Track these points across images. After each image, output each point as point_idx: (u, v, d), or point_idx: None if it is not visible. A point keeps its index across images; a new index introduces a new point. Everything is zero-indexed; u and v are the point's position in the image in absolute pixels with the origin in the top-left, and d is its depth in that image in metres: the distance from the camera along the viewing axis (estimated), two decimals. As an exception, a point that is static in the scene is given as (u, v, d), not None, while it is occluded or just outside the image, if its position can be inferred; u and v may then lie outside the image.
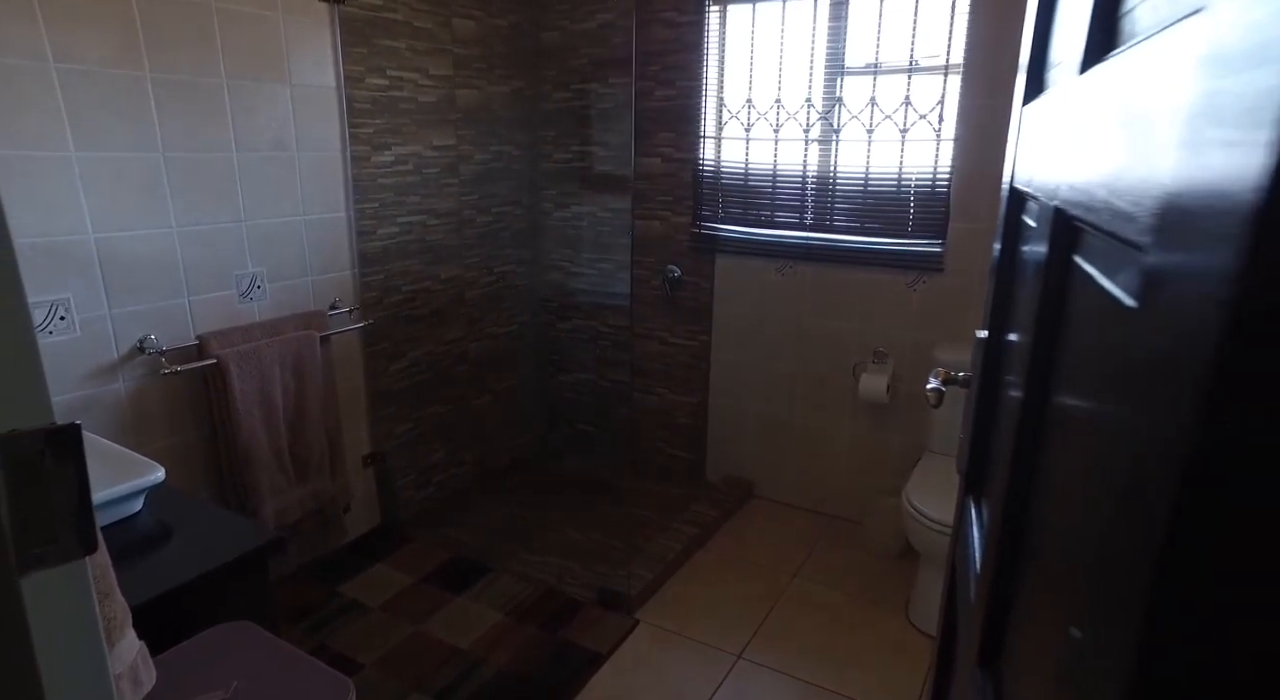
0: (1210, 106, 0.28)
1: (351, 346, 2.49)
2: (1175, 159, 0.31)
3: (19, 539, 0.57)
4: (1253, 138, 0.22)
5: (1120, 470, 0.36)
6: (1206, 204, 0.26)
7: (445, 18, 2.63)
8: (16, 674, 0.60)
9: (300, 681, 1.12)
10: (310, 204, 2.30)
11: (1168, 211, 0.32)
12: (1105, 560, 0.38)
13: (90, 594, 0.65)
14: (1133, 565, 0.31)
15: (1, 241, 0.54)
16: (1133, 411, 0.36)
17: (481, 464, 3.12)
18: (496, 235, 3.03)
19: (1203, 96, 0.28)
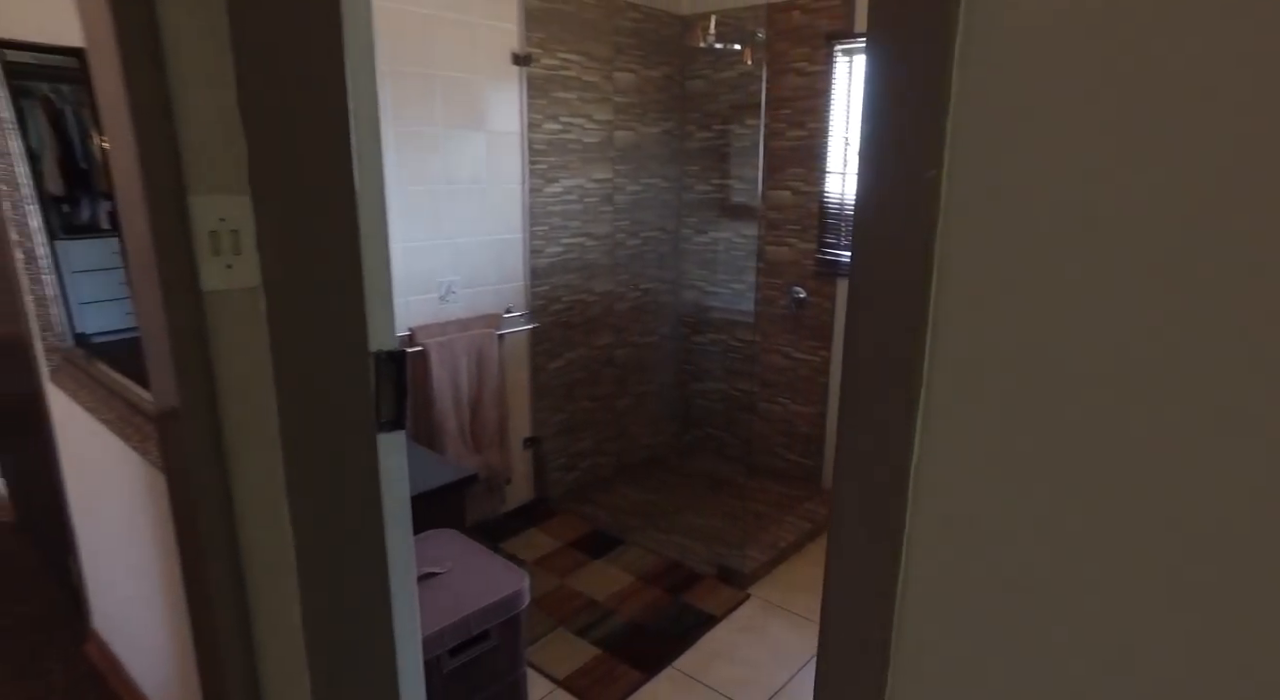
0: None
1: (520, 345, 3.00)
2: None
3: (377, 413, 1.03)
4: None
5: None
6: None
7: (608, 72, 3.13)
8: (369, 493, 1.05)
9: (490, 568, 1.55)
10: (495, 227, 2.83)
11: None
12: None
13: (404, 451, 1.10)
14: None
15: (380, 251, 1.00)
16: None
17: (621, 456, 3.55)
18: (643, 256, 3.48)
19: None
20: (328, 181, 0.92)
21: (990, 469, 0.44)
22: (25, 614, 2.36)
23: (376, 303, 0.98)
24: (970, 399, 0.42)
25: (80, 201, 1.98)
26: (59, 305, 1.84)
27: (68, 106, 1.92)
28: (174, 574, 1.48)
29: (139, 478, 1.51)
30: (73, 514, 2.14)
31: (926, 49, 0.38)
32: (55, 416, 2.04)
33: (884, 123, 0.39)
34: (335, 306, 0.95)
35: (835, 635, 0.59)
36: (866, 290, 0.43)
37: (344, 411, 0.98)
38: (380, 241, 0.98)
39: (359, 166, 0.94)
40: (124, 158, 0.88)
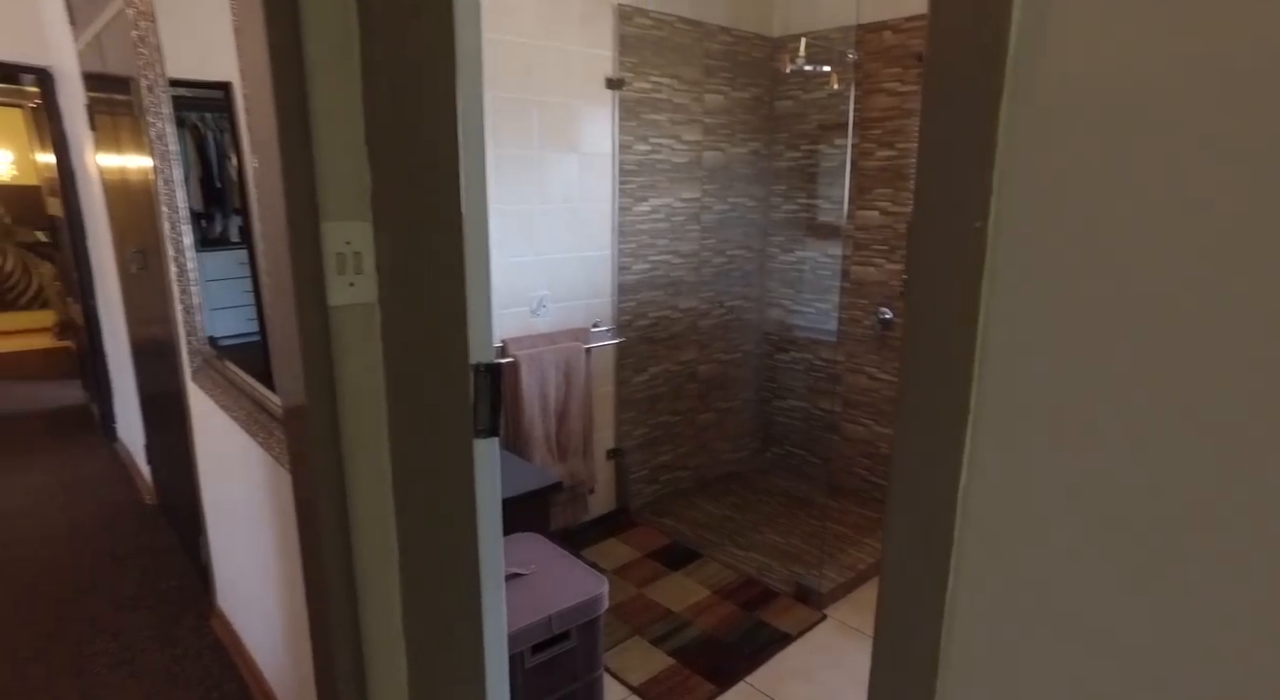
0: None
1: (606, 359, 3.09)
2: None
3: (474, 420, 1.12)
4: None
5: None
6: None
7: (698, 94, 3.20)
8: (465, 495, 1.14)
9: (572, 572, 1.63)
10: (585, 244, 2.95)
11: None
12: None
13: (497, 457, 1.19)
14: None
15: (482, 271, 1.09)
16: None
17: (701, 471, 3.59)
18: (728, 274, 3.52)
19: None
20: (439, 208, 1.03)
21: (1037, 499, 0.46)
22: (166, 587, 2.62)
23: (477, 319, 1.07)
24: (1017, 429, 0.44)
25: (214, 217, 2.20)
26: (201, 313, 2.06)
27: (209, 132, 2.15)
28: (289, 559, 1.63)
29: (263, 470, 1.67)
30: (204, 500, 2.36)
31: (972, 107, 0.42)
32: (194, 412, 2.27)
33: (934, 171, 0.44)
34: (441, 322, 1.05)
35: (886, 659, 0.62)
36: (920, 325, 0.47)
37: (445, 418, 1.08)
38: (483, 262, 1.07)
39: (466, 194, 1.04)
40: (271, 190, 1.01)
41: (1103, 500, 0.43)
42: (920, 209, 0.43)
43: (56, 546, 2.94)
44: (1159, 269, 0.37)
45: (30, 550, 2.91)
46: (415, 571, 1.12)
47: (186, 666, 2.19)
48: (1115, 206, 0.38)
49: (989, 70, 0.40)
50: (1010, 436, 0.44)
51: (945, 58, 0.44)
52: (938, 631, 0.52)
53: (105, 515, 3.21)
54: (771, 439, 3.85)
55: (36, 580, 2.68)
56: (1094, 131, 0.37)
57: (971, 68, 0.42)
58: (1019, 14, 0.39)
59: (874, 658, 0.64)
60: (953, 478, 0.45)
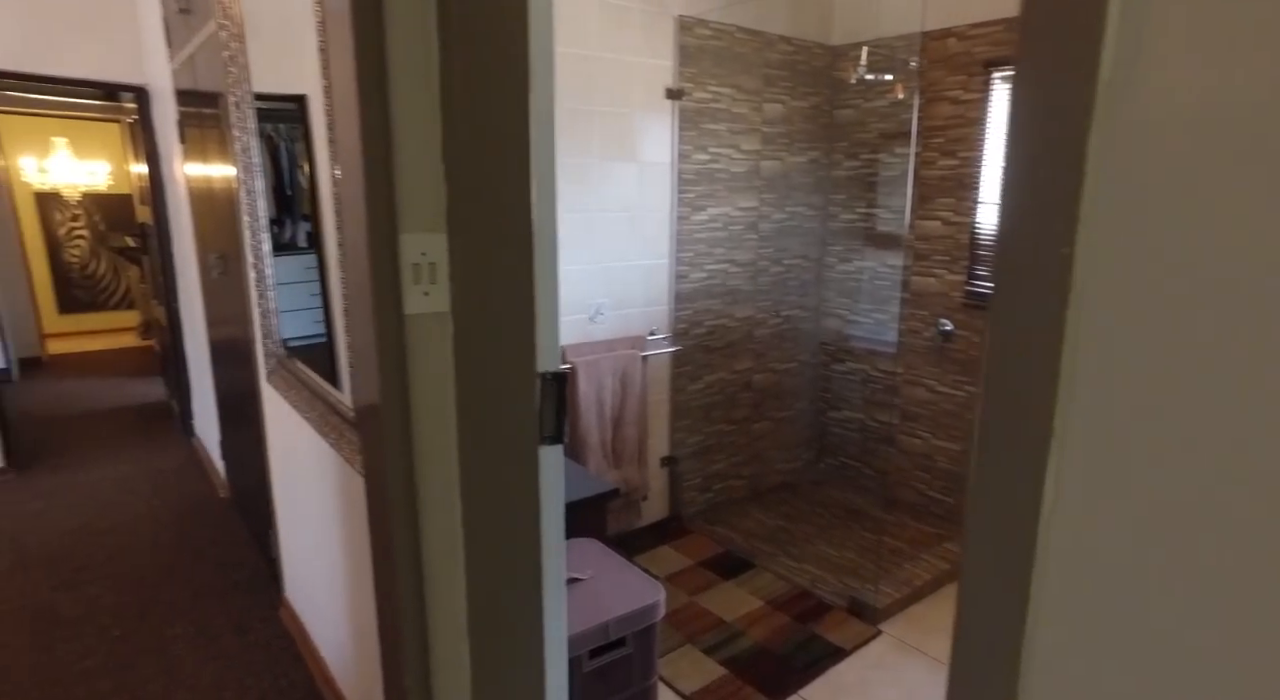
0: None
1: (662, 367, 3.11)
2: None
3: (540, 427, 1.15)
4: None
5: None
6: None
7: (757, 103, 3.21)
8: (529, 499, 1.17)
9: (629, 579, 1.65)
10: (643, 252, 2.97)
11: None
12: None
13: (561, 464, 1.21)
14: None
15: (550, 282, 1.13)
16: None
17: (755, 480, 3.57)
18: (785, 283, 3.51)
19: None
20: (510, 221, 1.06)
21: (1127, 525, 0.44)
22: (238, 578, 2.74)
23: (545, 328, 1.10)
24: (1104, 453, 0.43)
25: (285, 223, 2.30)
26: (277, 316, 2.16)
27: (282, 142, 2.25)
28: (355, 556, 1.69)
29: (333, 470, 1.74)
30: (274, 495, 2.47)
31: (1062, 128, 0.42)
32: (267, 412, 2.37)
33: (1020, 194, 0.44)
34: (510, 331, 1.09)
35: (960, 689, 0.62)
36: (1004, 347, 0.47)
37: (512, 425, 1.12)
38: (551, 273, 1.10)
39: (537, 206, 1.07)
40: (353, 202, 1.06)
41: (1195, 530, 0.42)
42: (1005, 232, 0.43)
43: (141, 534, 3.10)
44: (1256, 295, 0.37)
45: (120, 537, 3.08)
46: (480, 574, 1.16)
47: (256, 654, 2.28)
48: (1210, 231, 0.37)
49: (1080, 90, 0.40)
50: (1098, 461, 0.43)
51: (1034, 77, 0.44)
52: (1016, 661, 0.52)
53: (183, 507, 3.38)
54: (825, 450, 3.81)
55: (125, 565, 2.84)
56: (1190, 155, 0.37)
57: (1062, 87, 0.42)
58: (1113, 31, 0.39)
59: (949, 691, 0.64)
60: (1035, 502, 0.45)
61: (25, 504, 3.41)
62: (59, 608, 2.57)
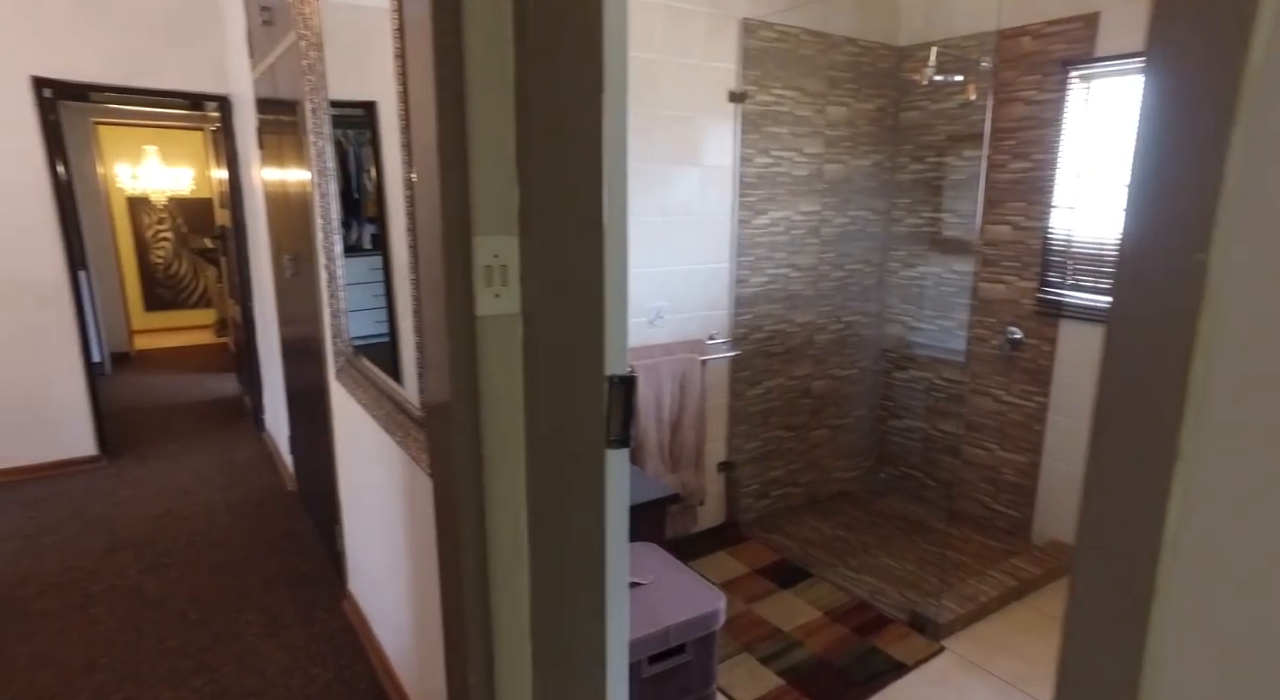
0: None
1: (721, 371, 3.09)
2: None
3: (607, 430, 1.15)
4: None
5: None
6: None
7: (821, 106, 3.16)
8: (595, 503, 1.17)
9: (689, 585, 1.64)
10: (703, 256, 2.96)
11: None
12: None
13: (627, 468, 1.21)
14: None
15: (620, 285, 1.13)
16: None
17: (813, 488, 3.51)
18: (847, 289, 3.44)
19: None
20: (582, 223, 1.07)
21: (1261, 557, 0.40)
22: (305, 569, 2.84)
23: (614, 331, 1.11)
24: (1238, 474, 0.39)
25: (351, 225, 2.36)
26: (346, 316, 2.22)
27: (351, 147, 2.32)
28: (419, 553, 1.73)
29: (399, 468, 1.78)
30: (340, 490, 2.54)
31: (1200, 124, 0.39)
32: (335, 409, 2.45)
33: (1149, 195, 0.41)
34: (579, 334, 1.09)
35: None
36: (1124, 355, 0.43)
37: (579, 428, 1.12)
38: (621, 276, 1.11)
39: (608, 209, 1.07)
40: (428, 205, 1.08)
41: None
42: (1131, 236, 0.41)
43: (218, 523, 3.24)
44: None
45: (199, 524, 3.23)
46: (544, 575, 1.16)
47: (322, 644, 2.35)
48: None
49: (1224, 79, 0.38)
50: (1229, 485, 0.40)
51: (1169, 64, 0.41)
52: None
53: (254, 499, 3.51)
54: (886, 459, 3.72)
55: (203, 552, 2.97)
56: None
57: (1202, 76, 0.39)
58: (1270, 11, 0.35)
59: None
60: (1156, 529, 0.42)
61: (117, 490, 3.60)
62: (145, 589, 2.70)
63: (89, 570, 2.84)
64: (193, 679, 2.19)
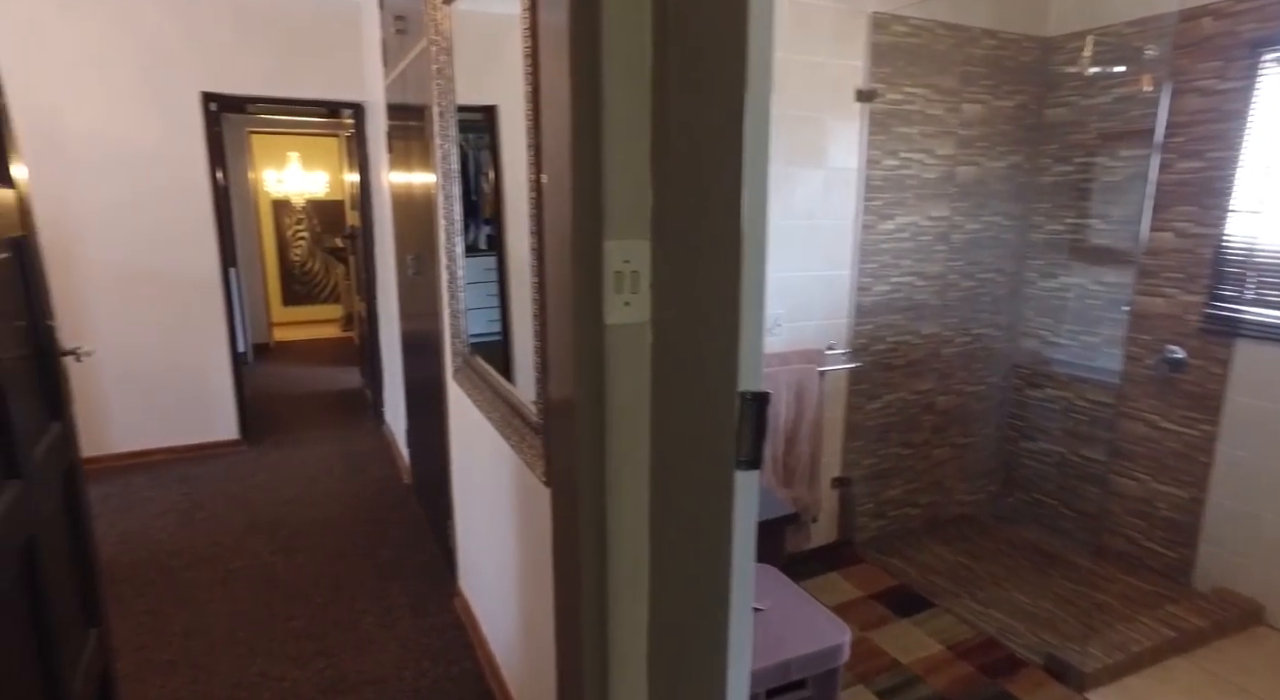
0: None
1: (839, 383, 2.95)
2: None
3: (736, 450, 1.07)
4: None
5: None
6: None
7: (955, 104, 2.96)
8: (721, 525, 1.10)
9: (812, 615, 1.54)
10: (824, 262, 2.83)
11: None
12: None
13: (756, 490, 1.13)
14: None
15: (757, 296, 1.05)
16: None
17: (933, 509, 3.30)
18: (977, 299, 3.21)
19: None
20: (718, 228, 1.00)
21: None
22: (418, 562, 2.92)
23: (749, 344, 1.03)
24: None
25: (469, 227, 2.40)
26: (465, 316, 2.25)
27: (470, 151, 2.35)
28: (529, 561, 1.71)
29: (512, 472, 1.78)
30: (453, 487, 2.59)
31: None
32: (451, 407, 2.49)
33: None
34: (712, 345, 1.03)
35: None
36: None
37: (707, 445, 1.05)
38: (758, 286, 1.03)
39: (748, 213, 1.00)
40: (559, 207, 1.05)
41: None
42: None
43: (338, 511, 3.39)
44: None
45: (323, 511, 3.40)
46: (665, 598, 1.10)
47: (432, 639, 2.40)
48: None
49: None
50: None
51: None
52: None
53: (373, 489, 3.66)
54: (1015, 483, 3.44)
55: (325, 539, 3.12)
56: None
57: None
58: None
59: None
60: None
61: (255, 474, 3.85)
62: (276, 570, 2.85)
63: (230, 546, 3.03)
64: (314, 661, 2.28)
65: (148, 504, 3.46)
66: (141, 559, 2.92)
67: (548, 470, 1.47)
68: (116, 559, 2.91)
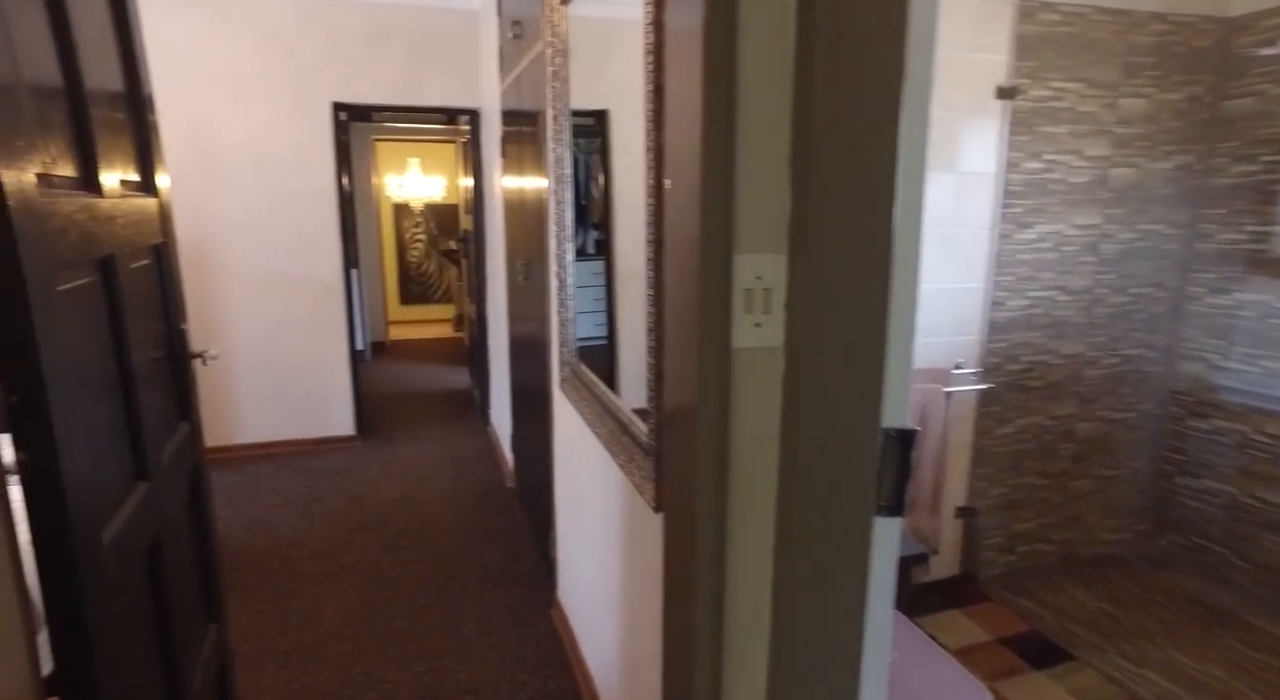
0: None
1: (966, 405, 2.71)
2: None
3: (876, 493, 0.94)
4: None
5: None
6: None
7: (1112, 99, 2.66)
8: (854, 576, 0.97)
9: (945, 672, 1.37)
10: (954, 274, 2.61)
11: None
12: None
13: (898, 539, 0.99)
14: None
15: (907, 320, 0.91)
16: None
17: (1070, 547, 2.99)
18: (1129, 316, 2.88)
19: None
20: (866, 240, 0.88)
21: None
22: (519, 569, 2.91)
23: (896, 375, 0.90)
24: None
25: (577, 231, 2.35)
26: (574, 325, 2.20)
27: (581, 156, 2.30)
28: (633, 587, 1.63)
29: (618, 492, 1.70)
30: (555, 497, 2.55)
31: None
32: (556, 417, 2.45)
33: None
34: (853, 375, 0.90)
35: None
36: None
37: (843, 487, 0.93)
38: (909, 308, 0.90)
39: (900, 225, 0.87)
40: (684, 217, 0.95)
41: None
42: None
43: (444, 512, 3.45)
44: None
45: (429, 510, 3.47)
46: (788, 650, 0.99)
47: (529, 650, 2.37)
48: None
49: None
50: None
51: None
52: None
53: (478, 491, 3.70)
54: (1170, 524, 3.06)
55: (430, 539, 3.17)
56: None
57: None
58: None
59: None
60: None
61: (367, 469, 3.99)
62: (383, 568, 2.92)
63: (342, 541, 3.13)
64: (415, 664, 2.30)
65: (272, 494, 3.64)
66: (265, 548, 3.06)
67: (658, 496, 1.38)
68: (245, 547, 3.07)
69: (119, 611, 1.05)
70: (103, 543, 1.00)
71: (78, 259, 1.03)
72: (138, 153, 1.42)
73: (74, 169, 1.09)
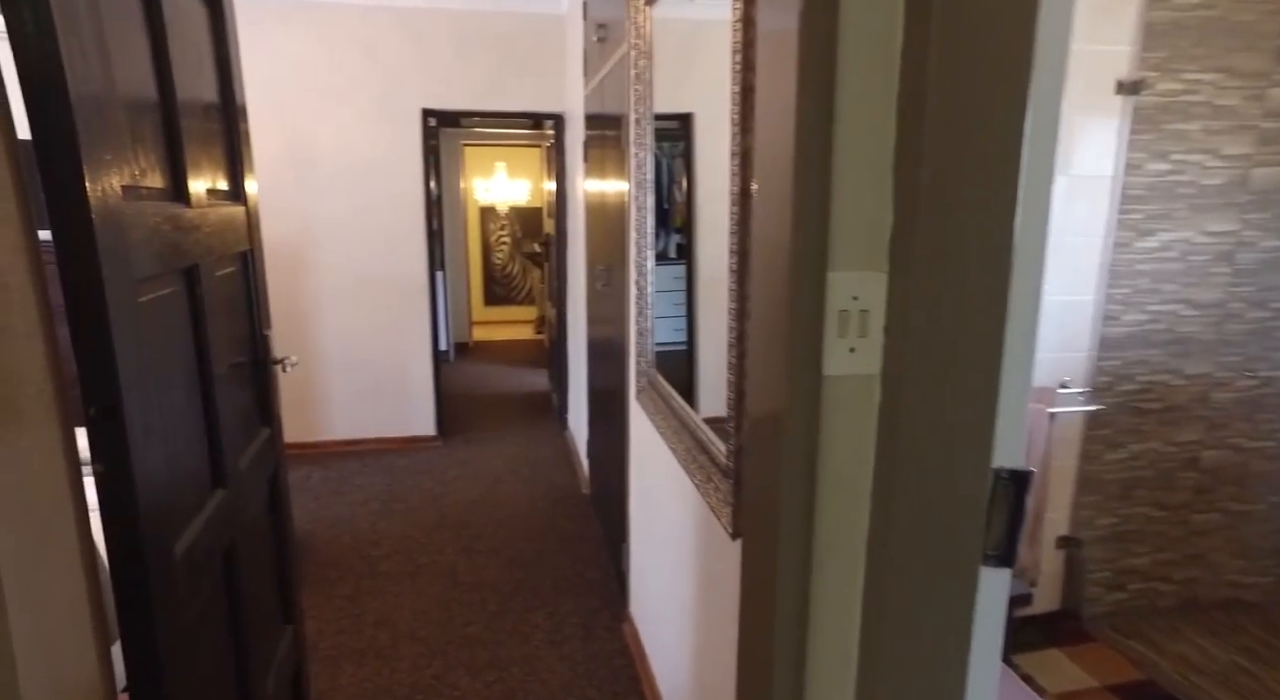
0: None
1: (1072, 427, 2.50)
2: None
3: (985, 540, 0.83)
4: None
5: None
6: None
7: (1258, 90, 2.39)
8: (956, 631, 0.86)
9: (1049, 729, 1.23)
10: (1062, 285, 2.41)
11: None
12: None
13: (1007, 593, 0.88)
14: None
15: (1026, 349, 0.80)
16: None
17: (1191, 588, 2.71)
18: (1269, 334, 2.59)
19: None
20: (980, 258, 0.77)
21: None
22: (591, 578, 2.88)
23: (1010, 409, 0.79)
24: None
25: (658, 235, 2.28)
26: (653, 335, 2.14)
27: (664, 159, 2.24)
28: (707, 615, 1.55)
29: (694, 513, 1.63)
30: (630, 508, 2.50)
31: None
32: (632, 428, 2.40)
33: None
34: (960, 409, 0.80)
35: None
36: None
37: (945, 532, 0.83)
38: (1028, 336, 0.79)
39: (1021, 242, 0.76)
40: (772, 228, 0.87)
41: None
42: None
43: (520, 515, 3.46)
44: None
45: (505, 513, 3.48)
46: None
47: (599, 665, 2.32)
48: None
49: None
50: None
51: None
52: None
53: (552, 496, 3.70)
54: (1313, 566, 2.74)
55: (505, 543, 3.18)
56: None
57: None
58: None
59: None
60: None
61: (447, 470, 4.06)
62: (458, 571, 2.94)
63: (420, 542, 3.18)
64: (486, 672, 2.29)
65: (356, 490, 3.74)
66: (347, 546, 3.14)
67: (736, 522, 1.30)
68: (330, 542, 3.15)
69: (190, 620, 1.06)
70: (175, 554, 1.00)
71: (162, 270, 1.04)
72: (228, 161, 1.45)
73: (162, 179, 1.10)
